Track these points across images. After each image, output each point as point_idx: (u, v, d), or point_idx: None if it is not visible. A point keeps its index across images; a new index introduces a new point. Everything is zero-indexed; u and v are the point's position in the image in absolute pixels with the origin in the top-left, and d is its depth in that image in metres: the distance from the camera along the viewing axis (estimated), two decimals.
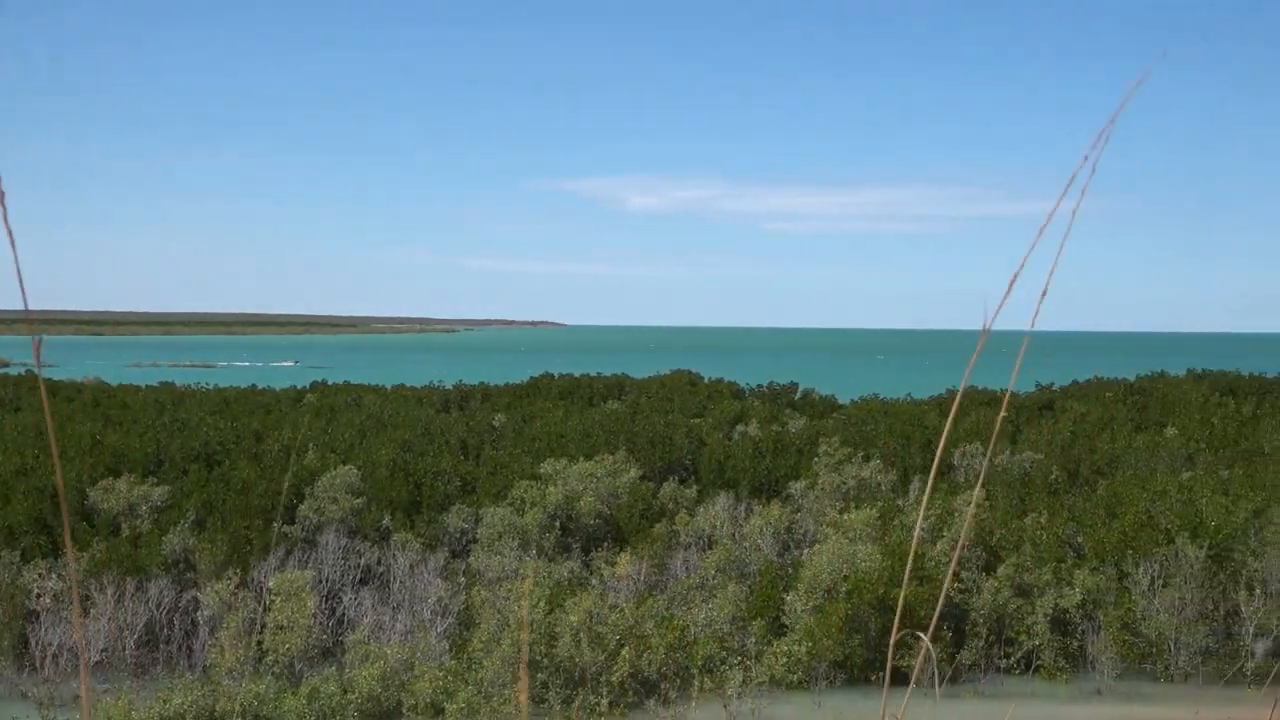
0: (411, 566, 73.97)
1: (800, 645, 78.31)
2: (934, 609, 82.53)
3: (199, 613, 58.94)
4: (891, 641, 5.36)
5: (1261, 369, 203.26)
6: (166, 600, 57.50)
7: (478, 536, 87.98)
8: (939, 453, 4.66)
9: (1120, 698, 78.56)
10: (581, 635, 67.55)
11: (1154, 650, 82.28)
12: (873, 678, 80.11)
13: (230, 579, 58.98)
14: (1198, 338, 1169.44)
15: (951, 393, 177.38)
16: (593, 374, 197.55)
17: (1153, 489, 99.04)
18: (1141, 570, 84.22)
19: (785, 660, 77.47)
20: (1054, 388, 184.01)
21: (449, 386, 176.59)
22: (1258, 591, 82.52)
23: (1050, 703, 77.20)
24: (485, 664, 60.30)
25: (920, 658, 73.86)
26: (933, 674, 79.40)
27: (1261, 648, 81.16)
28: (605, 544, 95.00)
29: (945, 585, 6.38)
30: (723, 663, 76.49)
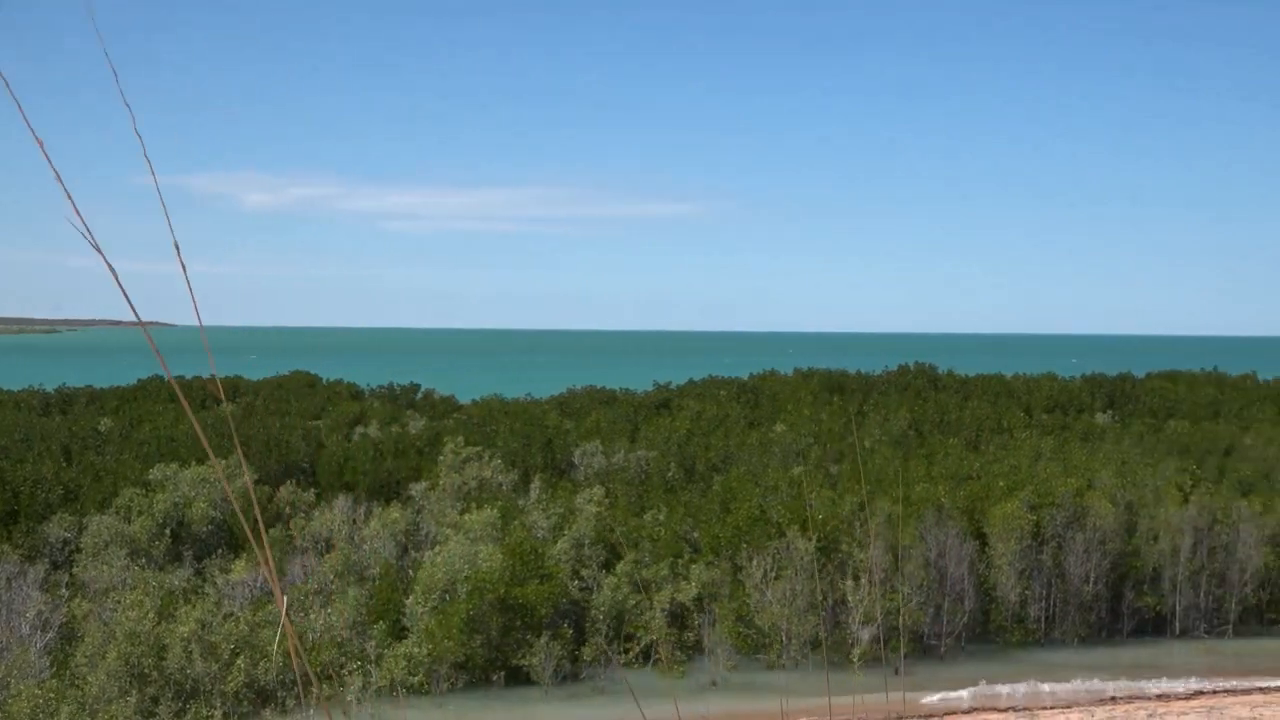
0: (9, 580, 69.54)
1: (421, 647, 77.49)
2: (555, 607, 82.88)
3: None
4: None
5: (869, 367, 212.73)
6: None
7: (82, 546, 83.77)
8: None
9: (735, 688, 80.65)
10: (193, 646, 65.15)
11: (767, 640, 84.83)
12: (494, 677, 79.91)
13: None
14: (811, 337, 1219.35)
15: (572, 391, 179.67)
16: (203, 376, 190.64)
17: (765, 484, 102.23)
18: (755, 563, 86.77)
19: (406, 663, 76.48)
20: (671, 386, 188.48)
21: (50, 390, 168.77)
22: (863, 580, 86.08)
23: (669, 695, 78.45)
24: (90, 679, 57.08)
25: (541, 656, 74.04)
26: (554, 672, 79.76)
27: (867, 634, 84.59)
28: (219, 551, 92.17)
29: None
30: (342, 668, 74.91)
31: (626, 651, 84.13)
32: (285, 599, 4.45)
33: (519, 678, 79.98)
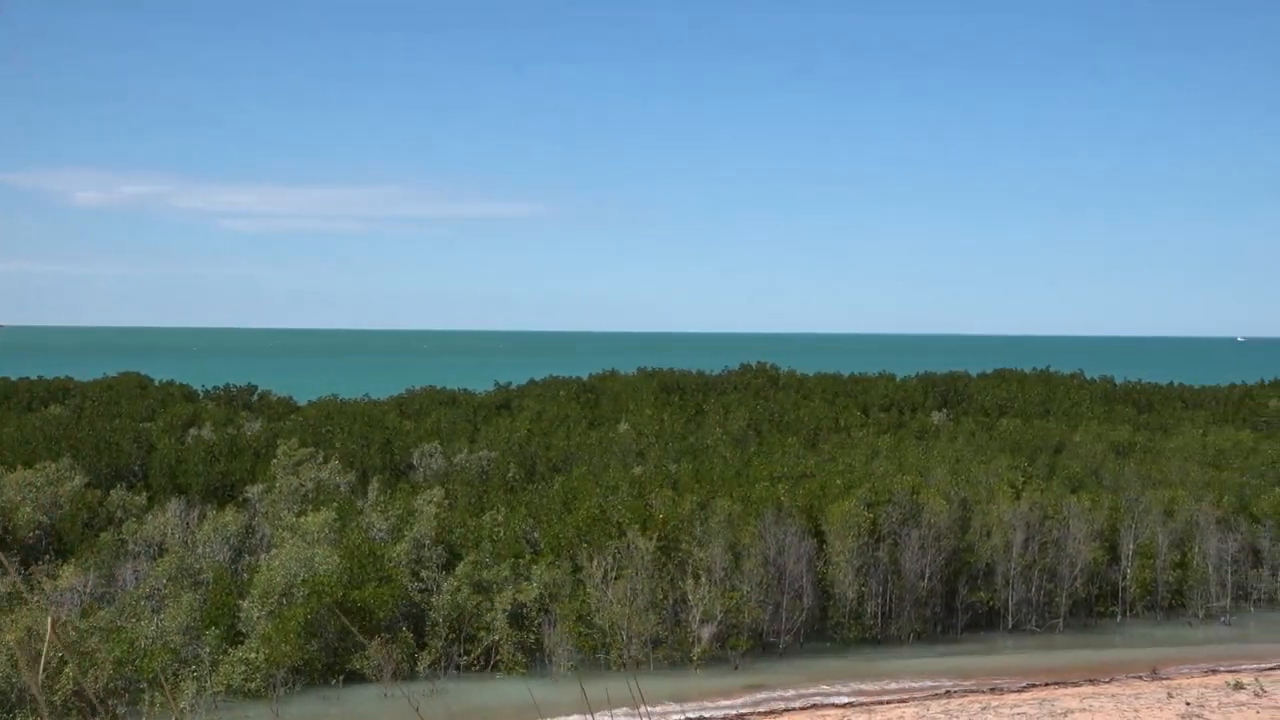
0: None
1: (258, 652, 76.12)
2: (395, 609, 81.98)
3: None
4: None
5: (709, 367, 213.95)
6: None
7: None
8: None
9: (576, 687, 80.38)
10: (18, 654, 63.17)
11: (608, 640, 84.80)
12: (333, 681, 78.79)
13: None
14: (655, 337, 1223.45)
15: (412, 392, 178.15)
16: (32, 377, 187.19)
17: (605, 484, 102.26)
18: (595, 563, 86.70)
19: (242, 668, 75.09)
20: (512, 386, 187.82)
21: None
22: (703, 579, 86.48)
23: (510, 697, 78.13)
24: None
25: (380, 659, 73.16)
26: (393, 675, 78.83)
27: (708, 632, 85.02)
28: (47, 556, 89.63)
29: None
30: (176, 674, 73.29)
31: (467, 653, 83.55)
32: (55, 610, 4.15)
33: (358, 681, 79.01)
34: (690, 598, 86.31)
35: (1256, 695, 79.45)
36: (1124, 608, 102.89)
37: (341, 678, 79.04)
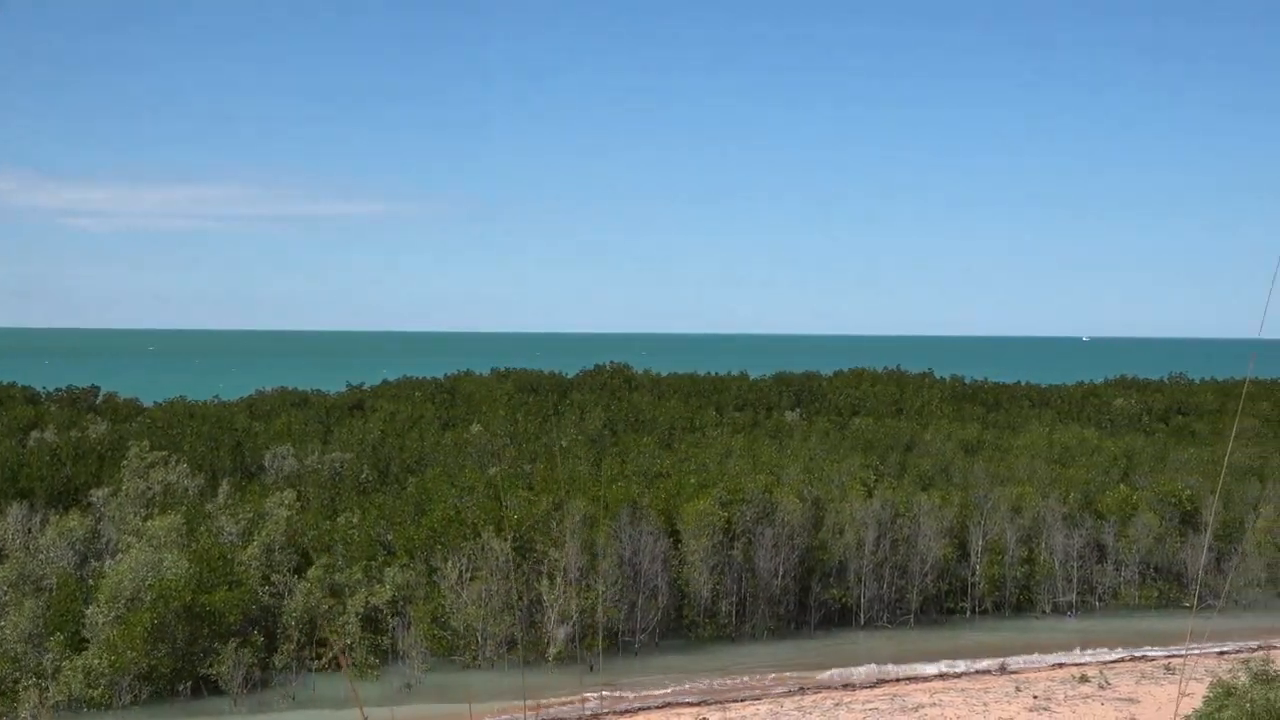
0: None
1: (102, 659, 74.34)
2: (245, 614, 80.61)
3: None
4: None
5: (565, 367, 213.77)
6: None
7: None
8: None
9: (430, 690, 79.82)
10: None
11: (463, 641, 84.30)
12: (181, 688, 77.24)
13: None
14: (508, 337, 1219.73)
15: (262, 393, 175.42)
16: None
17: (460, 485, 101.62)
18: (450, 564, 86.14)
19: (85, 676, 73.29)
20: (365, 387, 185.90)
21: None
22: (559, 579, 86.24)
23: (363, 700, 77.17)
24: None
25: (230, 665, 71.75)
26: (244, 680, 77.53)
27: (563, 632, 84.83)
28: None
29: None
30: (16, 683, 71.38)
31: (319, 657, 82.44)
32: None
33: (207, 688, 77.56)
34: (545, 598, 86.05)
35: (1101, 688, 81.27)
36: (973, 603, 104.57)
37: (190, 684, 77.55)
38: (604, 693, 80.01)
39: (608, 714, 76.44)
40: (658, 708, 76.96)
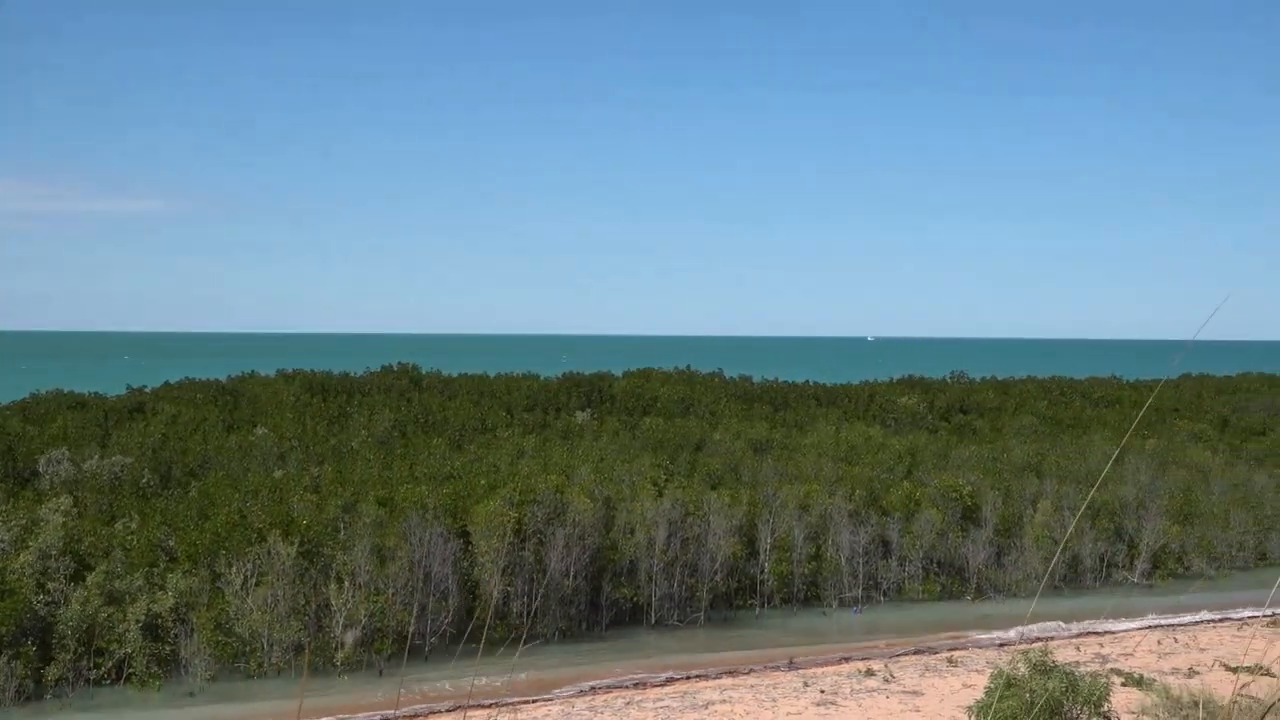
0: None
1: None
2: (17, 623, 77.66)
3: None
4: None
5: (355, 369, 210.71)
6: None
7: None
8: None
9: (214, 698, 77.97)
10: None
11: (248, 648, 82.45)
12: None
13: None
14: (295, 338, 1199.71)
15: (37, 396, 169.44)
16: None
17: (245, 488, 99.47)
18: (235, 570, 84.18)
19: None
20: (146, 390, 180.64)
21: None
22: (346, 584, 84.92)
23: (144, 710, 75.10)
24: None
25: (1, 677, 69.10)
26: (16, 693, 74.76)
27: (351, 637, 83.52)
28: None
29: None
30: None
31: (98, 667, 79.89)
32: None
33: None
34: (334, 602, 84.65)
35: (886, 681, 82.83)
36: (762, 600, 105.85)
37: None
38: (392, 697, 79.05)
39: (396, 718, 75.44)
40: (448, 711, 76.14)
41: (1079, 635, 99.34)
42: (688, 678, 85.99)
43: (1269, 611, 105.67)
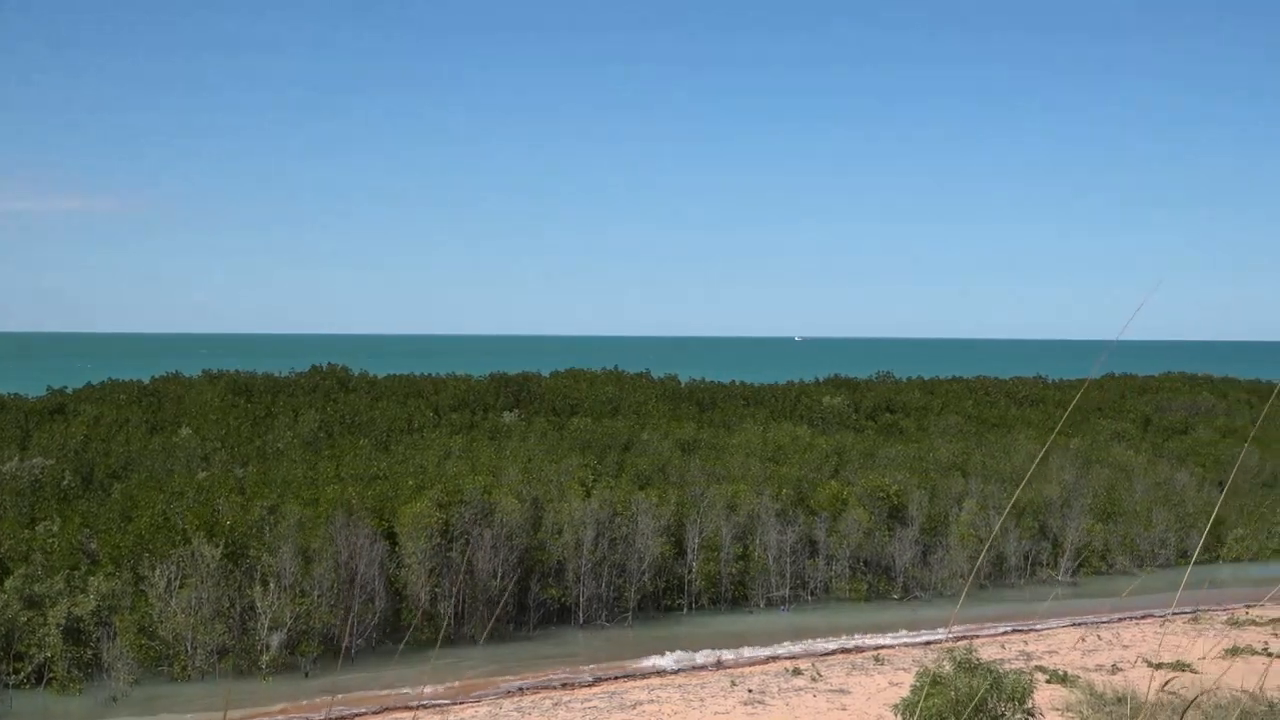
0: None
1: None
2: None
3: None
4: None
5: (280, 369, 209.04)
6: None
7: None
8: None
9: (137, 703, 77.11)
10: None
11: (172, 652, 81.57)
12: None
13: None
14: (220, 338, 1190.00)
15: None
16: None
17: (169, 490, 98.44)
18: (159, 572, 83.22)
19: None
20: (67, 390, 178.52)
21: None
22: (272, 586, 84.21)
23: (64, 716, 74.16)
24: None
25: None
26: None
27: (277, 640, 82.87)
28: None
29: None
30: None
31: (16, 672, 78.82)
32: None
33: None
34: (259, 605, 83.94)
35: (813, 680, 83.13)
36: (690, 600, 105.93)
37: None
38: (317, 700, 78.53)
39: None
40: (373, 713, 75.68)
41: (1004, 633, 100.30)
42: (614, 678, 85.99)
43: (1190, 609, 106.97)
